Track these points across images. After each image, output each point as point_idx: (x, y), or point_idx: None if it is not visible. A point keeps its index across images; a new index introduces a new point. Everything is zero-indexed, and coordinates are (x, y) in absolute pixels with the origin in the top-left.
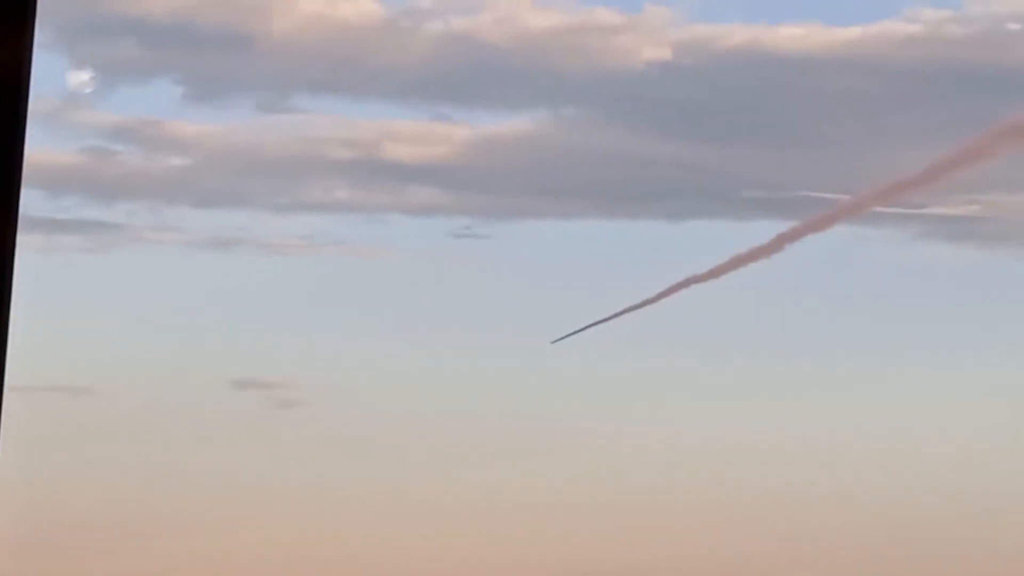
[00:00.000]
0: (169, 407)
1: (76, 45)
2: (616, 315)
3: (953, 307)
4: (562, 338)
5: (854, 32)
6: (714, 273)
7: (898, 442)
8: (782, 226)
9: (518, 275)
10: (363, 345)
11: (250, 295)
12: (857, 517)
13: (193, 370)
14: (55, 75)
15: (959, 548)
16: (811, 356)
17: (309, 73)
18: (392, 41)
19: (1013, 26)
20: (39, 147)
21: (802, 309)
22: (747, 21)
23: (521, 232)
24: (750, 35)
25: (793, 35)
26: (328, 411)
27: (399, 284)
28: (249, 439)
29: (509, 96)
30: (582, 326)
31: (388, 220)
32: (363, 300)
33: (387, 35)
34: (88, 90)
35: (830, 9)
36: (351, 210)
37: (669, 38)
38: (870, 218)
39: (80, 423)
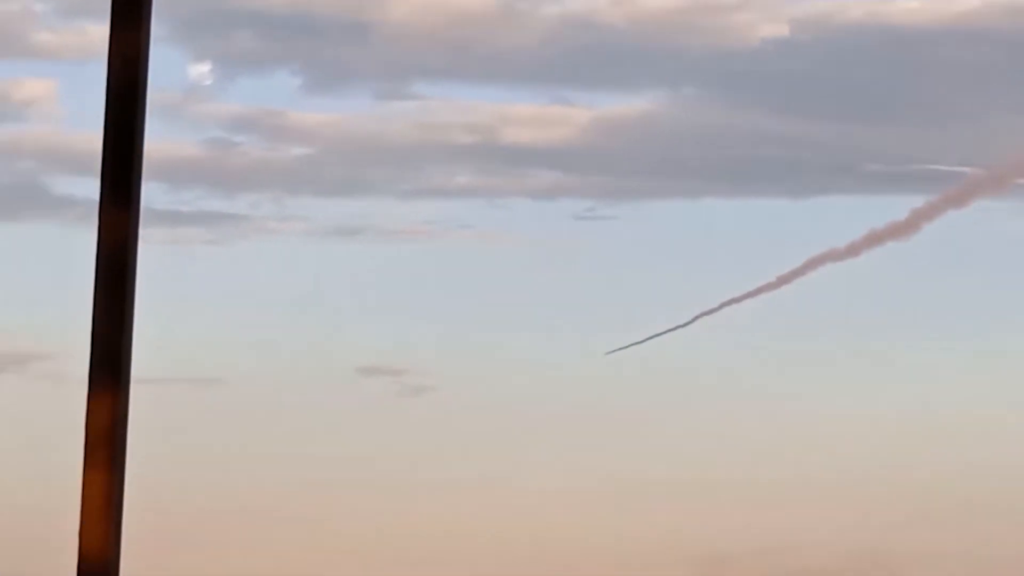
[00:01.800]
0: (298, 396)
1: (195, 38)
2: (752, 293)
3: None
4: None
5: (973, 2)
6: (852, 251)
7: None
8: (907, 200)
9: (643, 256)
10: (490, 330)
11: (375, 282)
12: (1001, 495)
13: (320, 358)
14: (175, 68)
15: None
16: (950, 334)
17: (426, 59)
18: (509, 25)
19: None
20: (160, 140)
21: (940, 286)
22: None
23: (645, 213)
24: (867, 8)
25: (911, 7)
26: (456, 397)
27: (524, 268)
28: (378, 426)
29: (628, 77)
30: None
31: (511, 204)
32: (488, 285)
33: (504, 19)
34: (208, 82)
35: None
36: (473, 195)
37: (786, 14)
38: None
39: (211, 413)
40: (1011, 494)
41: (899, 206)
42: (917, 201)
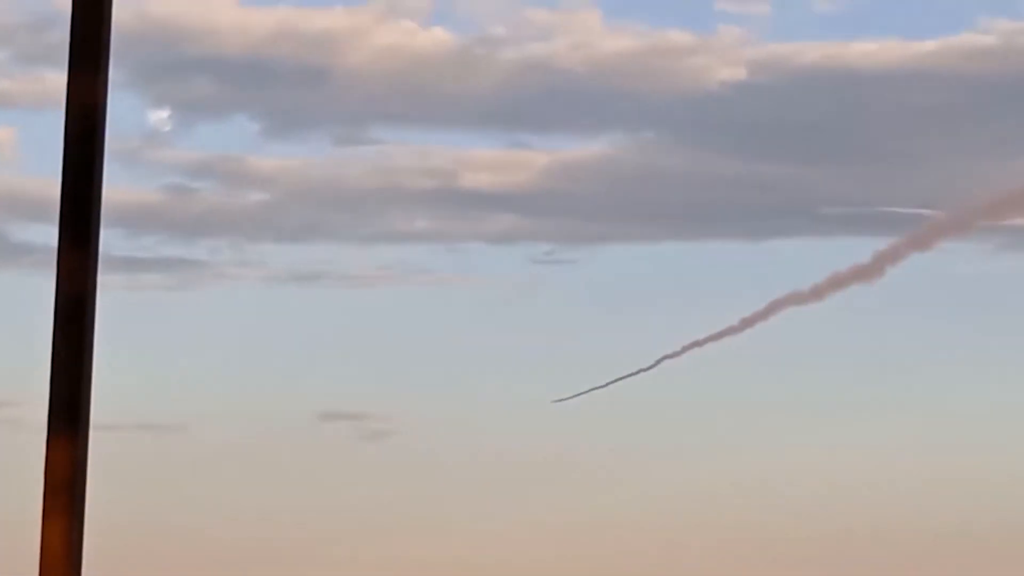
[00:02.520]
0: (258, 442)
1: (153, 84)
2: (715, 336)
3: None
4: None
5: (929, 46)
6: (817, 294)
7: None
8: (864, 242)
9: (603, 299)
10: (450, 375)
11: (334, 328)
12: (969, 539)
13: (281, 405)
14: (134, 114)
15: None
16: (910, 373)
17: (385, 105)
18: (467, 70)
19: None
20: (119, 186)
21: (897, 325)
22: (821, 38)
23: (603, 256)
24: (825, 52)
25: (868, 51)
26: (417, 441)
27: (483, 312)
28: (339, 471)
29: (586, 121)
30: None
31: (470, 248)
32: (448, 330)
33: (461, 64)
34: (166, 128)
35: (905, 23)
36: (432, 240)
37: (743, 57)
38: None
39: (171, 460)
40: (973, 542)
41: (857, 248)
42: (875, 243)
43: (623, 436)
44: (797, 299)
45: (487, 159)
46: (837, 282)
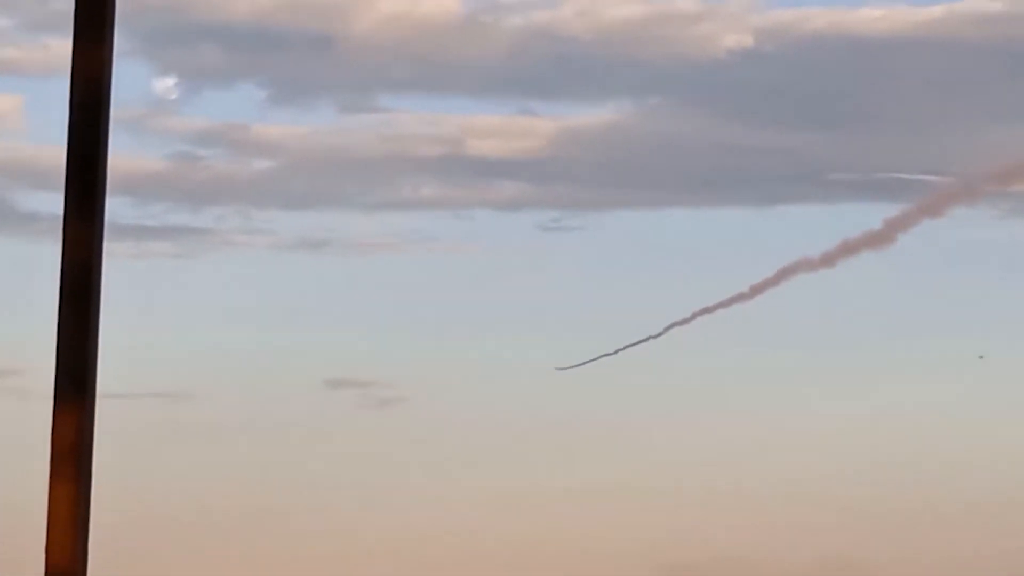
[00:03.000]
0: (266, 409)
1: (159, 52)
2: (725, 303)
3: None
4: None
5: (935, 12)
6: (827, 261)
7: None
8: (871, 208)
9: (610, 266)
10: (457, 341)
11: (341, 295)
12: (972, 494)
13: (288, 371)
14: (140, 83)
15: None
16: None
17: (391, 72)
18: (473, 37)
19: None
20: (126, 155)
21: (914, 294)
22: (827, 4)
23: (610, 223)
24: (831, 19)
25: (874, 17)
26: (424, 408)
27: (490, 279)
28: (346, 437)
29: (592, 88)
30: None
31: (476, 215)
32: (455, 296)
33: (468, 31)
34: (173, 96)
35: None
36: (439, 207)
37: (750, 24)
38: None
39: (179, 426)
40: (986, 497)
41: (864, 214)
42: (882, 209)
43: (632, 402)
44: (807, 265)
45: (494, 126)
46: (848, 249)
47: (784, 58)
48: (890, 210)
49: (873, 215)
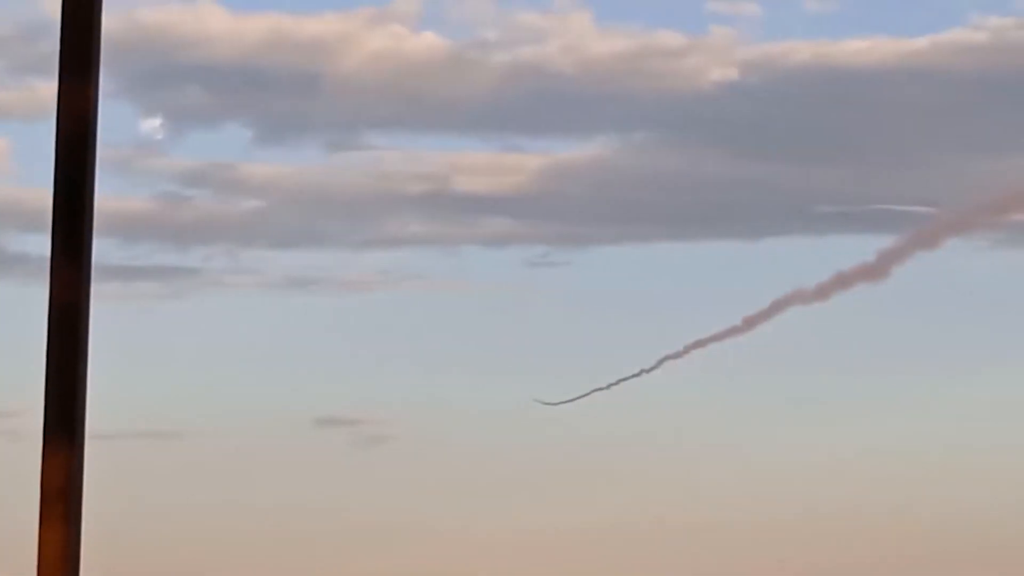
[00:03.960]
0: (256, 448)
1: (144, 93)
2: (718, 337)
3: None
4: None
5: (920, 43)
6: (821, 293)
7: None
8: (860, 240)
9: (599, 301)
10: (445, 378)
11: (330, 333)
12: (974, 534)
13: (277, 410)
14: (125, 123)
15: None
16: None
17: (377, 109)
18: (459, 74)
19: None
20: (112, 195)
21: (908, 326)
22: (812, 37)
23: (599, 257)
24: (816, 51)
25: (859, 48)
26: (414, 446)
27: (479, 316)
28: (336, 477)
29: (578, 123)
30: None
31: (464, 252)
32: (443, 333)
33: (453, 68)
34: (159, 137)
35: (895, 21)
36: (426, 243)
37: (735, 58)
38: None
39: (168, 467)
40: (978, 536)
41: (852, 246)
42: (870, 241)
43: (626, 436)
44: (801, 298)
45: (480, 162)
46: (842, 281)
47: (770, 91)
48: (879, 242)
49: (862, 247)
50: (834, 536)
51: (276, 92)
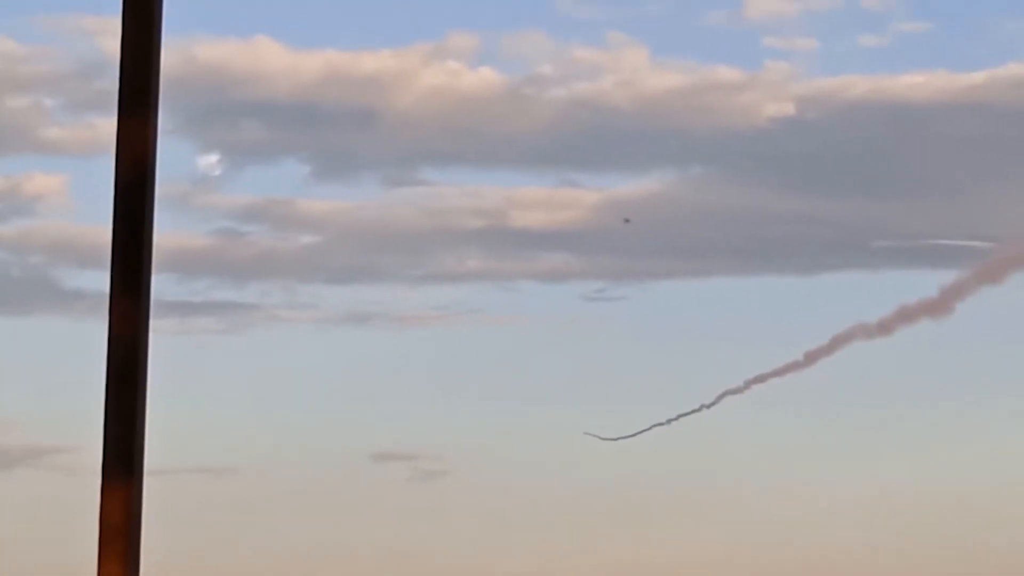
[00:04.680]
0: (313, 483)
1: (203, 130)
2: (779, 371)
3: None
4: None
5: (977, 77)
6: (884, 328)
7: None
8: (916, 275)
9: (655, 336)
10: (503, 413)
11: (387, 368)
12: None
13: (334, 445)
14: (183, 160)
15: None
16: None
17: (434, 145)
18: (515, 109)
19: None
20: (170, 231)
21: (972, 361)
22: (868, 71)
23: (655, 293)
24: (872, 85)
25: (915, 83)
26: (471, 481)
27: (536, 350)
28: (393, 511)
29: (635, 158)
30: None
31: (521, 287)
32: (500, 368)
33: (510, 103)
34: (216, 173)
35: (952, 55)
36: (483, 279)
37: (791, 93)
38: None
39: (225, 503)
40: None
41: (909, 281)
42: (927, 276)
43: (686, 472)
44: (863, 332)
45: (537, 198)
46: (905, 315)
47: (826, 126)
48: (936, 276)
49: (919, 281)
50: (896, 571)
51: (333, 128)
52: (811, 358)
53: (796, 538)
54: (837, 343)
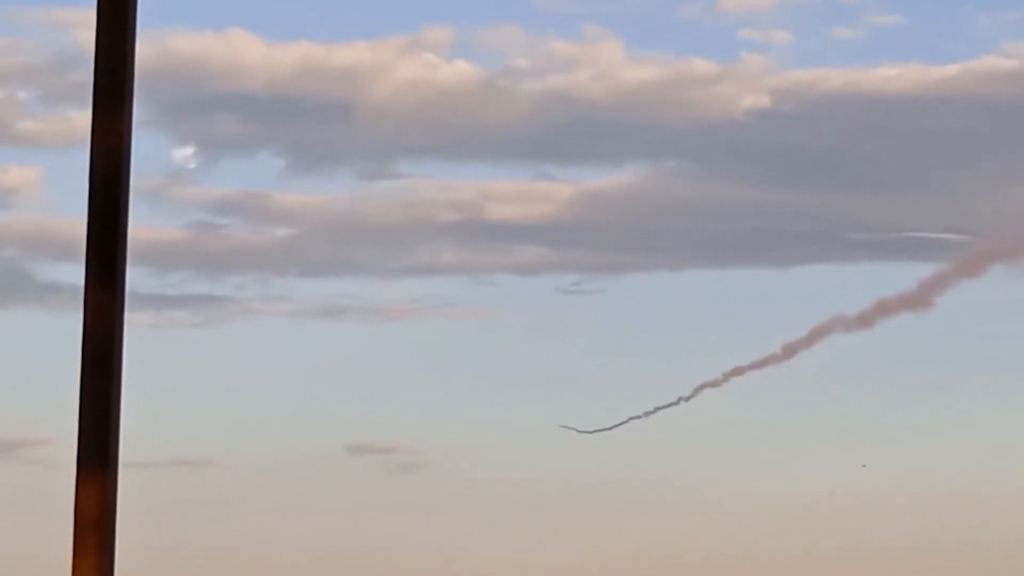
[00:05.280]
0: (287, 476)
1: (178, 122)
2: (757, 364)
3: None
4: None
5: (951, 70)
6: (864, 321)
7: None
8: (891, 268)
9: (631, 328)
10: (479, 406)
11: (362, 361)
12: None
13: (309, 438)
14: (158, 153)
15: None
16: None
17: (409, 138)
18: (490, 102)
19: None
20: (145, 224)
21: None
22: (843, 64)
23: (631, 285)
24: (847, 78)
25: (890, 76)
26: (446, 474)
27: (511, 343)
28: (368, 504)
29: (611, 151)
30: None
31: (496, 280)
32: (476, 361)
33: (485, 96)
34: (192, 166)
35: (926, 48)
36: (458, 272)
37: (767, 85)
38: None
39: (198, 496)
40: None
41: (884, 274)
42: (902, 269)
43: (664, 465)
44: (842, 325)
45: (512, 191)
46: (883, 309)
47: (801, 118)
48: (913, 269)
49: (895, 274)
50: (874, 563)
51: (308, 121)
52: (789, 351)
53: (773, 530)
54: (816, 335)
